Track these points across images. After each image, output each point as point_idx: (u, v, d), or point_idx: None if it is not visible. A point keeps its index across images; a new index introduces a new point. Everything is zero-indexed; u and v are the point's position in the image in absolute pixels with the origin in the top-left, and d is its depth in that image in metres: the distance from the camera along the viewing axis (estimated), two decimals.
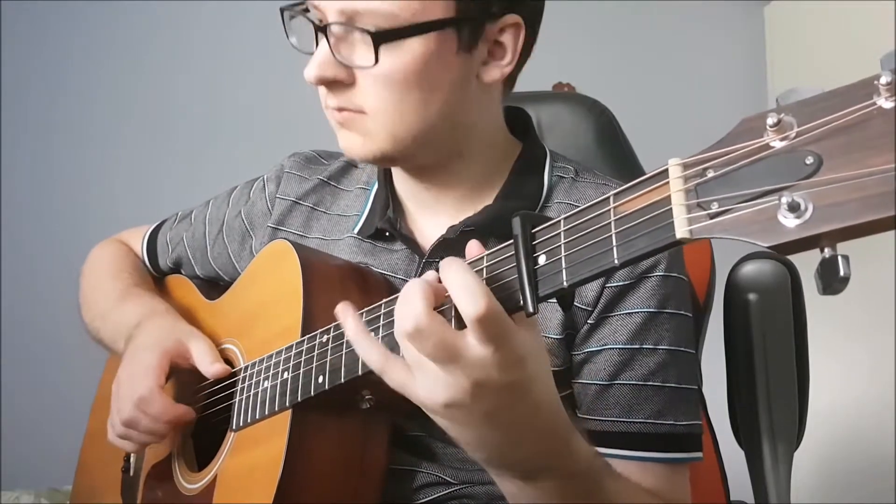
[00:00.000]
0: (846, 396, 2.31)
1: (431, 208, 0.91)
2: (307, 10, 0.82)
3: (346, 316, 0.66)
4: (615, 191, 0.53)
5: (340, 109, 0.81)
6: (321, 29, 0.78)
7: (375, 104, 0.80)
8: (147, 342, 0.94)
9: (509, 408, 0.60)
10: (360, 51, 0.78)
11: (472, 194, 0.89)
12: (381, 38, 0.75)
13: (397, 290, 0.66)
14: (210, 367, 0.90)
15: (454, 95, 0.82)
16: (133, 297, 1.06)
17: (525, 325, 0.60)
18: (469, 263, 0.61)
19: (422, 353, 0.58)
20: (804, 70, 2.67)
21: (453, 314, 0.59)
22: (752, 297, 1.09)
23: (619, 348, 0.83)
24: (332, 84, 0.80)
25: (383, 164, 0.92)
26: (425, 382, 0.60)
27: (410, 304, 0.58)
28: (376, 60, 0.76)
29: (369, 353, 0.64)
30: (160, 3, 2.36)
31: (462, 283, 0.57)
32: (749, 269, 1.09)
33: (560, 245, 0.56)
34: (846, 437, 2.35)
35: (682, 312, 0.86)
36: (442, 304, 0.60)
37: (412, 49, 0.77)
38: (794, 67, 2.76)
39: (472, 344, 0.57)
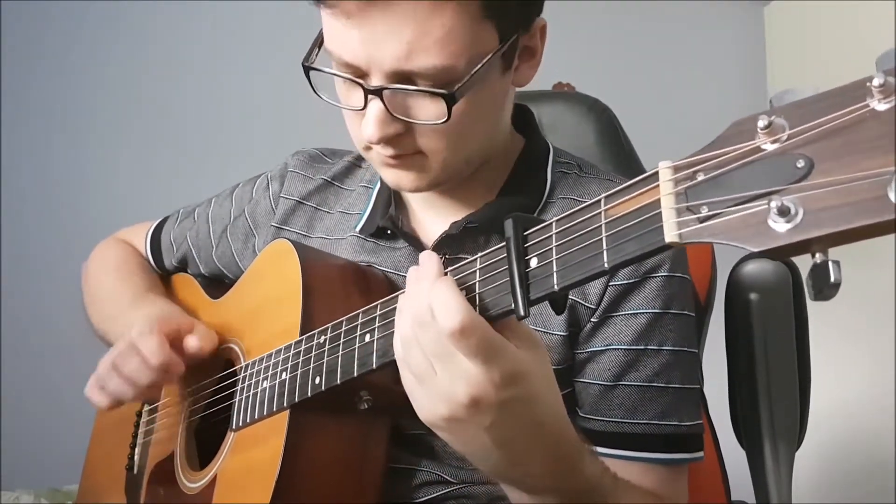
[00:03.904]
0: (846, 397, 2.31)
1: (438, 207, 0.91)
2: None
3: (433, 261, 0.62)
4: (606, 193, 0.52)
5: (396, 156, 0.79)
6: (374, 92, 0.74)
7: (436, 146, 0.78)
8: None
9: (507, 425, 0.60)
10: (420, 105, 0.75)
11: (478, 191, 0.89)
12: (454, 98, 0.73)
13: (400, 288, 0.66)
14: (194, 341, 0.91)
15: (501, 114, 0.85)
16: (147, 304, 1.04)
17: (526, 345, 0.60)
18: (463, 265, 0.61)
19: (465, 351, 0.57)
20: (804, 70, 2.67)
21: None
22: (753, 296, 1.09)
23: (625, 349, 0.83)
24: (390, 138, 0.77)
25: (429, 191, 0.88)
26: (428, 393, 0.60)
27: (454, 301, 0.57)
28: (449, 117, 0.74)
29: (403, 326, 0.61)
30: (161, 2, 2.36)
31: (441, 298, 0.57)
32: (750, 268, 1.09)
33: (552, 248, 0.55)
34: (846, 437, 2.35)
35: (685, 312, 0.86)
36: None
37: (472, 93, 0.75)
38: (793, 67, 2.76)
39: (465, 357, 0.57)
